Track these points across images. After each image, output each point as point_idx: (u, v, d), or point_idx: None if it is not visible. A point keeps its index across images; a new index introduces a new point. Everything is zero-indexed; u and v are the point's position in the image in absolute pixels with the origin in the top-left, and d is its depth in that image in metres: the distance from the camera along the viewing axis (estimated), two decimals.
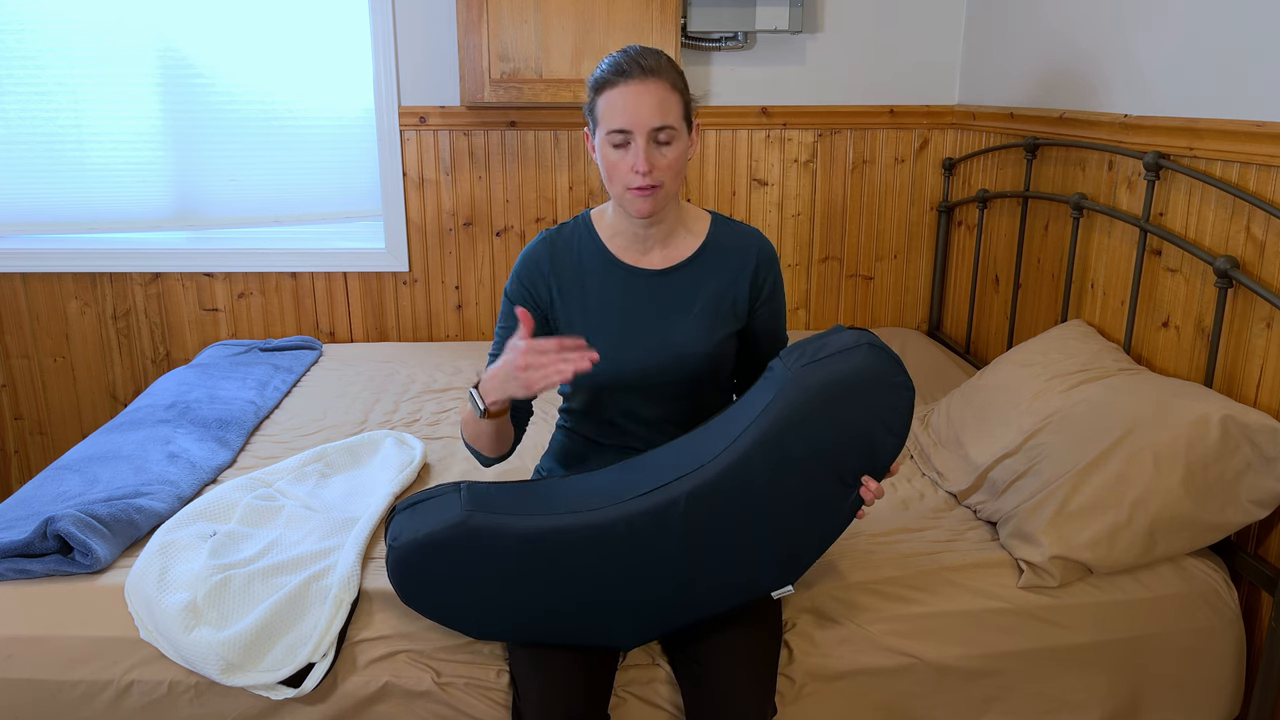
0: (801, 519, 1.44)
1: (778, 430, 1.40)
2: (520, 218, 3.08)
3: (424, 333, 3.17)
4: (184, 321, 3.11)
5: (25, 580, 1.61)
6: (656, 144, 1.47)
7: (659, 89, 1.45)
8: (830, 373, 1.42)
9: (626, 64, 1.46)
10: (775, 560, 1.46)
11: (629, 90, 1.45)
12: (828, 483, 1.43)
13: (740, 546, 1.44)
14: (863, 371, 1.42)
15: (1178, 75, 1.97)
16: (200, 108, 2.96)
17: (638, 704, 1.52)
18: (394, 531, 1.47)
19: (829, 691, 1.58)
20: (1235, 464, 1.64)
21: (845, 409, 1.41)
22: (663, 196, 1.50)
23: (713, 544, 1.43)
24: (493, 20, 2.65)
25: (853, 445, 1.42)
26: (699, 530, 1.42)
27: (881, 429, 1.43)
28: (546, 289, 1.62)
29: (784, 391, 1.42)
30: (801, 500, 1.43)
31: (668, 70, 1.48)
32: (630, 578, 1.43)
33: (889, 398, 1.43)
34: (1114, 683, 1.65)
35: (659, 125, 1.46)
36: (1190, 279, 1.94)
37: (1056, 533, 1.65)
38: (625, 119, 1.45)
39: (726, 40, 2.94)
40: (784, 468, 1.41)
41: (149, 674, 1.52)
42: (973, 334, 2.94)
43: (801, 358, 1.45)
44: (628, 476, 1.47)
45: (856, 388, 1.42)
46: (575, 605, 1.44)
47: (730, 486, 1.41)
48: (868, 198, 3.14)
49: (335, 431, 2.32)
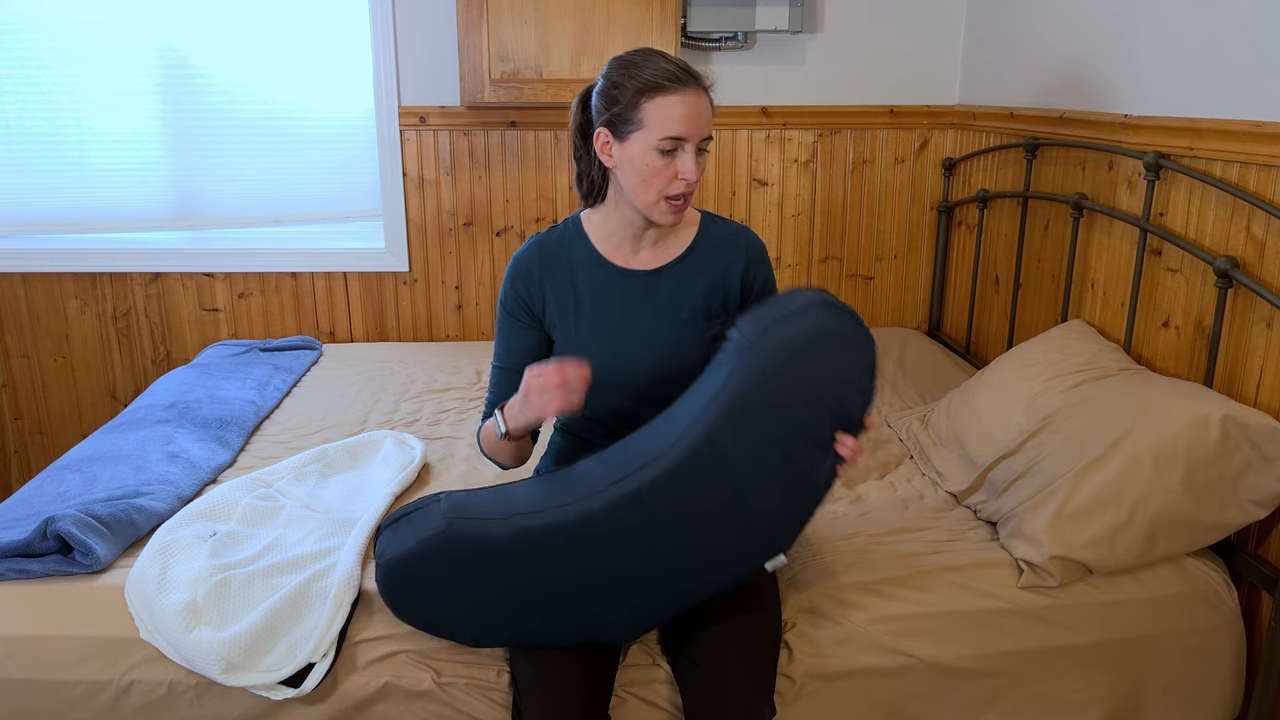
0: (780, 487, 1.41)
1: (740, 403, 1.38)
2: (520, 218, 3.08)
3: (424, 333, 3.17)
4: (184, 321, 3.11)
5: (25, 580, 1.61)
6: (698, 153, 1.49)
7: (708, 102, 1.49)
8: (787, 336, 1.40)
9: (680, 73, 1.46)
10: (762, 531, 1.43)
11: (689, 99, 1.45)
12: (802, 448, 1.40)
13: (723, 521, 1.41)
14: (821, 331, 1.40)
15: (1178, 75, 1.97)
16: (200, 108, 2.96)
17: (638, 704, 1.52)
18: (380, 548, 1.48)
19: (829, 691, 1.58)
20: (1235, 464, 1.65)
21: (807, 372, 1.39)
22: (687, 208, 1.54)
23: (694, 524, 1.40)
24: (493, 20, 2.65)
25: (820, 407, 1.40)
26: (676, 512, 1.40)
27: (847, 388, 1.40)
28: (540, 292, 1.62)
29: (743, 361, 1.40)
30: (777, 468, 1.40)
31: (709, 85, 1.52)
32: (617, 567, 1.42)
33: (851, 356, 1.40)
34: (1114, 683, 1.65)
35: (708, 135, 1.49)
36: (1190, 279, 1.94)
37: (1056, 533, 1.65)
38: (685, 127, 1.45)
39: (726, 40, 2.94)
40: (753, 437, 1.38)
41: (149, 674, 1.52)
42: (973, 334, 2.94)
43: (758, 323, 1.43)
44: (602, 468, 1.46)
45: (816, 349, 1.39)
46: (568, 602, 1.43)
47: (698, 465, 1.39)
48: (868, 198, 3.14)
49: (335, 431, 2.32)
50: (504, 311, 1.64)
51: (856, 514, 1.90)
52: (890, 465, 2.15)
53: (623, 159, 1.50)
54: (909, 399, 2.58)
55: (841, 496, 1.98)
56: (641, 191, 1.49)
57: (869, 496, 1.98)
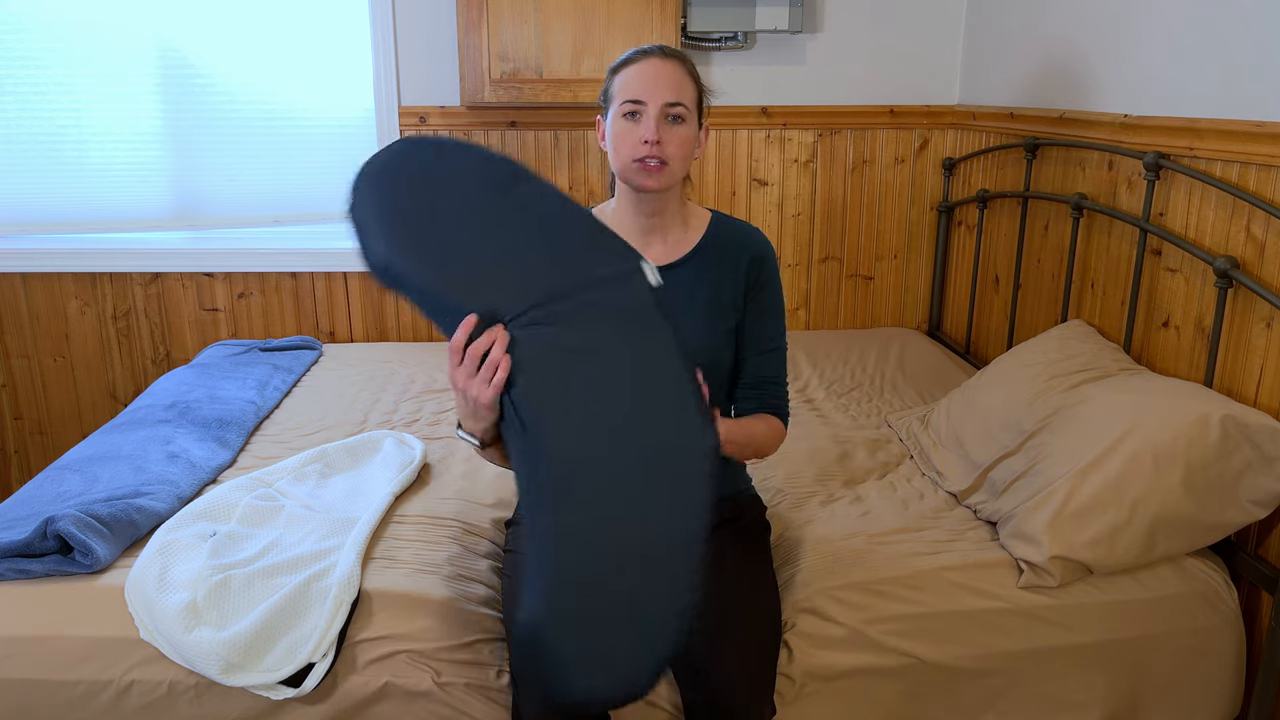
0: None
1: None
2: None
3: (424, 333, 3.17)
4: (184, 321, 3.11)
5: (25, 580, 1.61)
6: (669, 120, 1.50)
7: (676, 69, 1.52)
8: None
9: (649, 47, 1.53)
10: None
11: (648, 65, 1.51)
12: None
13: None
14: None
15: (1178, 75, 1.97)
16: (200, 108, 2.96)
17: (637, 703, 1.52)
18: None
19: (829, 691, 1.58)
20: (1235, 464, 1.65)
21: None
22: (667, 175, 1.52)
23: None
24: (493, 20, 2.65)
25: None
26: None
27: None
28: None
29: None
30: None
31: (688, 60, 1.55)
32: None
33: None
34: (1114, 683, 1.65)
35: (673, 100, 1.50)
36: (1190, 279, 1.94)
37: (1056, 533, 1.65)
38: (640, 90, 1.49)
39: (726, 40, 2.94)
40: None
41: (149, 674, 1.52)
42: (973, 334, 2.94)
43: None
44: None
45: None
46: None
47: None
48: (868, 198, 3.14)
49: (335, 431, 2.32)
50: None
51: (857, 514, 1.90)
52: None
53: (607, 136, 1.56)
54: (909, 399, 2.58)
55: (841, 496, 1.98)
56: (615, 158, 1.54)
57: (869, 496, 1.98)
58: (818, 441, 2.26)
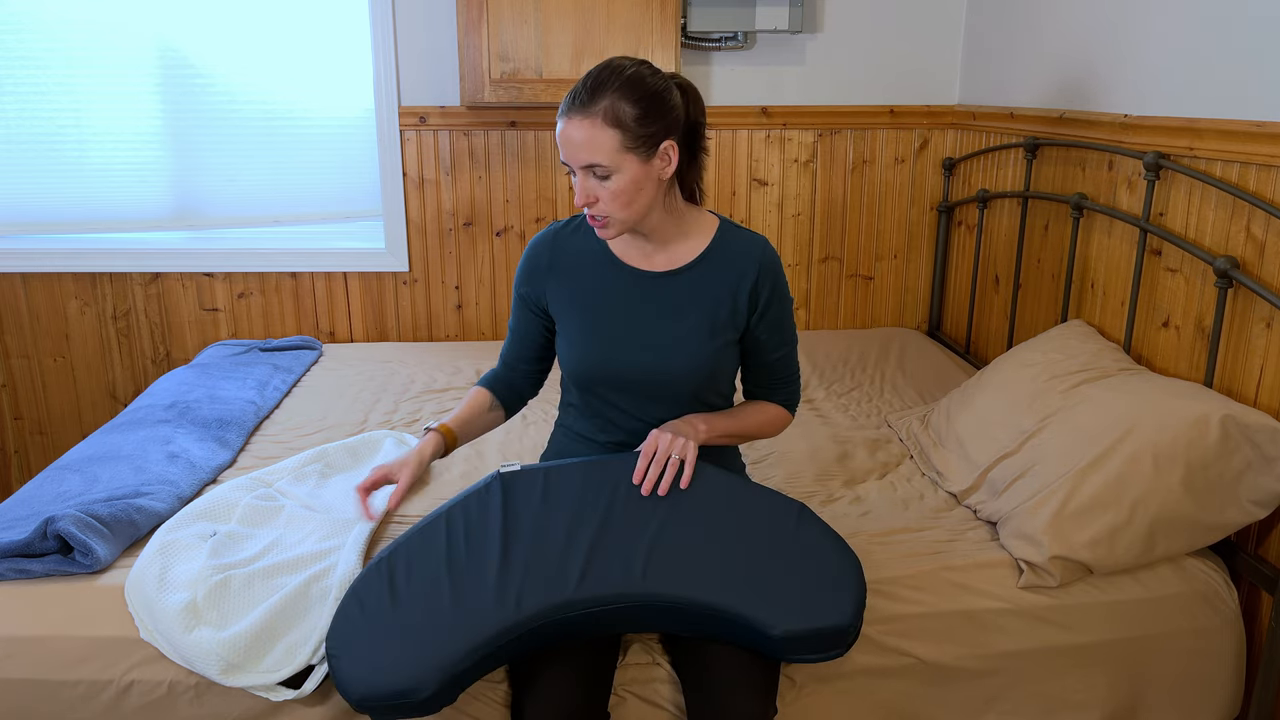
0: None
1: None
2: (520, 218, 3.08)
3: (424, 333, 3.17)
4: (184, 321, 3.11)
5: (25, 580, 1.61)
6: (595, 178, 1.47)
7: (588, 127, 1.43)
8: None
9: (571, 96, 1.46)
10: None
11: (566, 126, 1.46)
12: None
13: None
14: None
15: (1178, 75, 1.97)
16: (200, 108, 2.96)
17: (638, 703, 1.52)
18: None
19: (829, 691, 1.58)
20: (1235, 464, 1.65)
21: None
22: (616, 226, 1.51)
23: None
24: (493, 20, 2.65)
25: None
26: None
27: None
28: (546, 285, 1.64)
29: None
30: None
31: (608, 102, 1.43)
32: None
33: None
34: (1114, 683, 1.65)
35: (587, 163, 1.45)
36: (1190, 279, 1.94)
37: (1056, 533, 1.65)
38: (563, 153, 1.48)
39: (726, 40, 2.94)
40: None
41: (149, 674, 1.52)
42: (973, 334, 2.94)
43: None
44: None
45: None
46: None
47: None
48: (868, 198, 3.14)
49: (335, 431, 2.32)
50: (515, 289, 1.70)
51: (857, 514, 1.90)
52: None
53: None
54: (909, 399, 2.58)
55: (841, 496, 1.98)
56: None
57: (869, 497, 1.98)
58: (818, 441, 2.27)
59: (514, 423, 2.37)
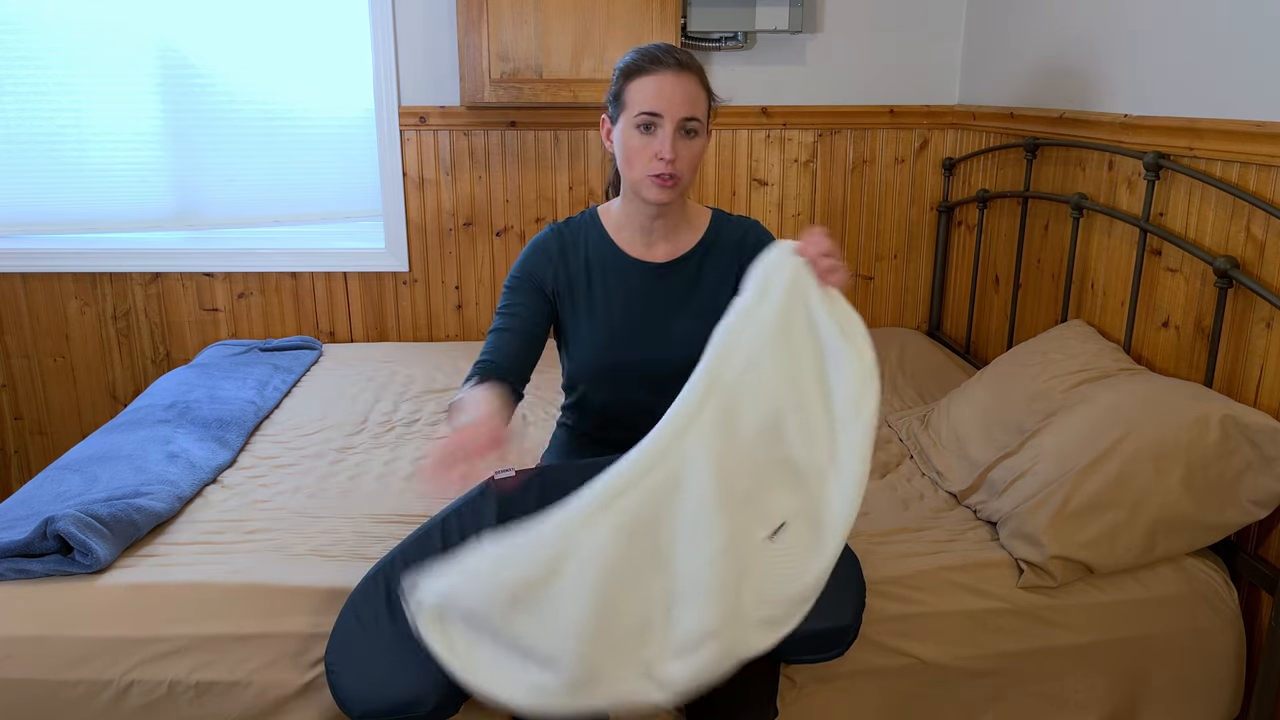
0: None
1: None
2: (520, 218, 3.08)
3: (424, 333, 3.17)
4: (184, 321, 3.11)
5: (25, 580, 1.61)
6: (683, 134, 1.50)
7: (691, 82, 1.51)
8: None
9: (662, 54, 1.51)
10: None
11: (665, 78, 1.49)
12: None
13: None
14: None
15: (1178, 75, 1.97)
16: (200, 108, 2.96)
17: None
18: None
19: (829, 691, 1.58)
20: (1235, 464, 1.65)
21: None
22: (678, 188, 1.53)
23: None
24: (493, 20, 2.65)
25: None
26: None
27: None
28: (556, 273, 1.63)
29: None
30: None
31: (699, 69, 1.54)
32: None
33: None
34: (1114, 683, 1.65)
35: (688, 115, 1.49)
36: (1190, 279, 1.94)
37: (1056, 533, 1.65)
38: (658, 103, 1.48)
39: (726, 40, 2.94)
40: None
41: (149, 674, 1.52)
42: (973, 334, 2.94)
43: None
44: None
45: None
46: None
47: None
48: (868, 198, 3.14)
49: (335, 431, 2.32)
50: (510, 290, 1.63)
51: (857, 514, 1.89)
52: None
53: (616, 141, 1.55)
54: (909, 399, 2.58)
55: None
56: (628, 169, 1.54)
57: (869, 497, 1.98)
58: None
59: (514, 423, 2.36)
